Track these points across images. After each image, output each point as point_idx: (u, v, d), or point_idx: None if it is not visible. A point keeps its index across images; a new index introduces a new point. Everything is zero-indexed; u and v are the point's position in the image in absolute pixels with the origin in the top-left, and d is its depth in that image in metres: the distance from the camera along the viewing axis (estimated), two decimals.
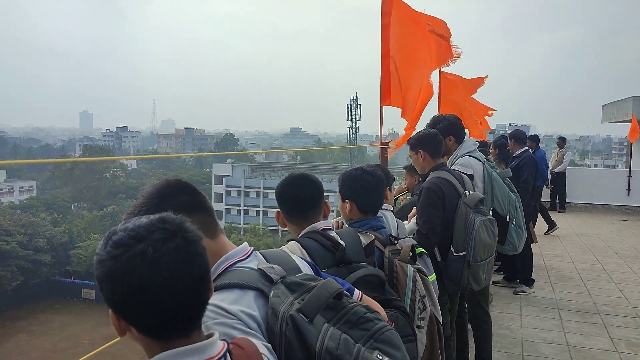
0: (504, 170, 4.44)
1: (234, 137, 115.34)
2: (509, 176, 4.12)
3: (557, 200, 12.97)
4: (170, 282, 0.93)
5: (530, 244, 6.58)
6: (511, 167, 6.08)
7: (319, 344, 1.11)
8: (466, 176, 3.43)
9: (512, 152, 6.67)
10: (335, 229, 2.11)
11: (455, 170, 3.56)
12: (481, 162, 3.90)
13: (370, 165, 2.58)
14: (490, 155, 6.70)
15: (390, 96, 4.02)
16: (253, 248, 1.37)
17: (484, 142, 7.33)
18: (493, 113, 10.32)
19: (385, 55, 3.97)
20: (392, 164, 4.62)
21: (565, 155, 12.64)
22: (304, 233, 1.89)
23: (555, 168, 12.43)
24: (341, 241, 1.88)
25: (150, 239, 0.94)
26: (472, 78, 7.95)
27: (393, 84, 4.04)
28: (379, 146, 4.15)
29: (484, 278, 3.10)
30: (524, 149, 6.63)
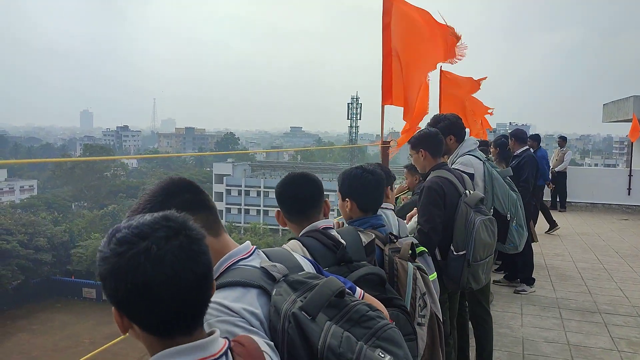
0: (505, 169, 4.44)
1: (235, 137, 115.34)
2: (510, 175, 4.12)
3: (558, 200, 12.96)
4: (173, 280, 0.93)
5: (531, 243, 6.59)
6: (512, 167, 6.09)
7: (321, 342, 1.12)
8: (466, 175, 3.43)
9: (513, 152, 6.67)
10: (336, 228, 2.11)
11: (456, 169, 3.57)
12: (481, 161, 3.90)
13: (371, 164, 2.57)
14: (490, 154, 6.70)
15: (391, 95, 4.02)
16: (256, 246, 1.37)
17: (484, 142, 7.33)
18: (492, 112, 10.34)
19: (386, 54, 3.97)
20: (393, 163, 4.62)
21: (566, 155, 12.63)
22: (304, 232, 1.88)
23: (555, 167, 12.43)
24: (342, 240, 1.88)
25: (154, 237, 0.94)
26: (471, 78, 7.95)
27: (395, 83, 4.03)
28: (380, 145, 4.15)
29: (483, 277, 3.10)
30: (525, 148, 6.63)
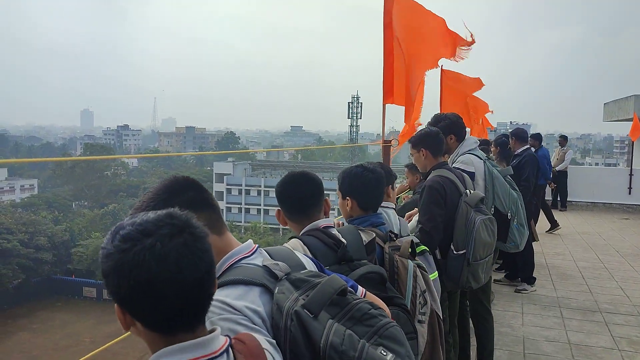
0: (505, 168, 4.43)
1: (235, 136, 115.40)
2: (510, 174, 4.12)
3: (559, 199, 12.96)
4: (177, 277, 0.93)
5: (532, 243, 6.59)
6: (512, 166, 6.07)
7: (323, 340, 1.12)
8: (467, 175, 3.43)
9: (514, 151, 6.67)
10: (336, 228, 2.11)
11: (457, 168, 3.57)
12: (482, 160, 3.89)
13: (371, 162, 2.57)
14: (491, 153, 6.69)
15: (392, 94, 4.02)
16: (258, 245, 1.38)
17: (485, 141, 7.33)
18: (493, 111, 10.35)
19: (388, 53, 3.96)
20: (393, 162, 4.62)
21: (567, 154, 12.63)
22: (305, 231, 1.89)
23: (556, 166, 12.42)
24: (343, 239, 1.88)
25: (158, 234, 0.94)
26: (472, 78, 7.95)
27: (397, 81, 4.03)
28: (382, 144, 4.15)
29: (483, 276, 3.11)
30: (525, 147, 6.63)
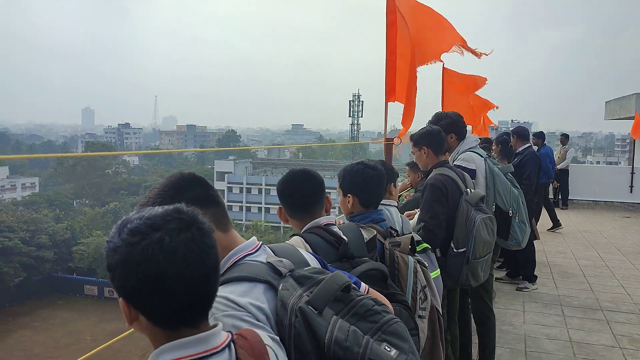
0: (506, 165, 4.43)
1: (236, 134, 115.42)
2: (511, 171, 4.12)
3: (560, 197, 12.97)
4: (185, 272, 0.93)
5: (533, 241, 6.59)
6: (514, 164, 6.07)
7: (328, 336, 1.13)
8: (467, 174, 3.43)
9: (515, 149, 6.65)
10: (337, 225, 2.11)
11: (458, 165, 3.57)
12: (483, 158, 3.90)
13: (372, 160, 2.57)
14: (493, 152, 6.69)
15: (394, 93, 4.02)
16: (262, 242, 1.38)
17: (487, 139, 7.33)
18: (499, 107, 10.33)
19: (390, 52, 3.96)
20: (394, 160, 4.62)
21: (568, 152, 12.63)
22: (306, 228, 1.89)
23: (558, 165, 12.42)
24: (344, 236, 1.89)
25: (167, 229, 0.94)
26: (474, 76, 7.94)
27: (399, 80, 4.03)
28: (384, 142, 4.16)
29: (482, 274, 3.12)
30: (527, 146, 6.62)
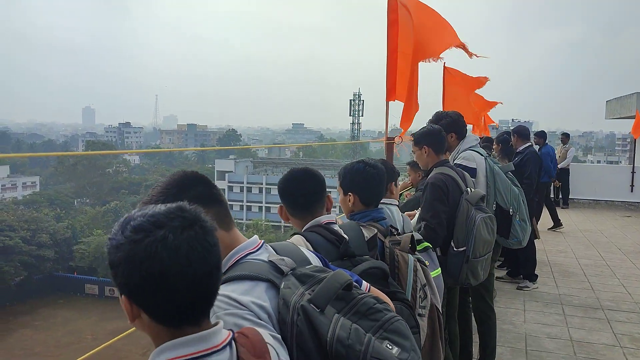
0: (506, 164, 4.44)
1: (237, 133, 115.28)
2: (511, 170, 4.12)
3: (561, 196, 12.96)
4: (188, 270, 0.94)
5: (534, 240, 6.58)
6: (514, 163, 6.06)
7: (330, 334, 1.13)
8: (467, 173, 3.43)
9: (516, 148, 6.64)
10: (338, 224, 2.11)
11: (458, 165, 3.57)
12: (483, 157, 3.90)
13: (372, 159, 2.57)
14: (493, 151, 6.68)
15: (395, 92, 4.02)
16: (263, 241, 1.39)
17: (488, 138, 7.32)
18: (502, 103, 10.33)
19: (392, 51, 3.96)
20: (395, 159, 4.63)
21: (569, 151, 12.63)
22: (307, 227, 1.89)
23: (558, 164, 12.41)
24: (344, 235, 1.89)
25: (170, 226, 0.94)
26: (474, 77, 7.95)
27: (400, 79, 4.03)
28: (385, 142, 4.16)
29: (482, 273, 3.13)
30: (527, 145, 6.61)
